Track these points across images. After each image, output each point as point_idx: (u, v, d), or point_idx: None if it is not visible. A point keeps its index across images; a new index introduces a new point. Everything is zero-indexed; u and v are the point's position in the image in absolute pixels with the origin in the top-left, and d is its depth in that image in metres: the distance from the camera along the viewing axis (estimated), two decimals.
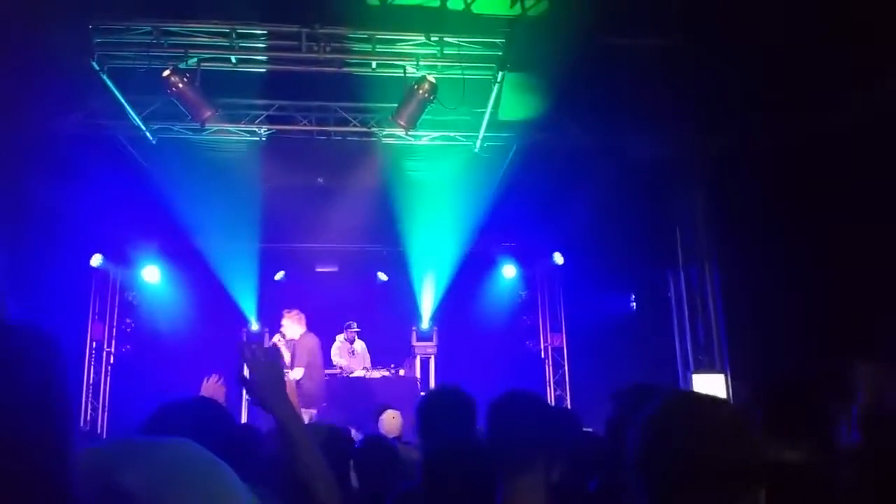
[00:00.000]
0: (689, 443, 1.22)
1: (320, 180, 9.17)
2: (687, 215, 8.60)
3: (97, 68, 6.19)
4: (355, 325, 9.80)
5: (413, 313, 10.81)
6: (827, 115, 6.70)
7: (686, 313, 8.40)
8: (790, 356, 6.75)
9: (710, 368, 8.01)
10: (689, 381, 7.89)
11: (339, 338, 9.80)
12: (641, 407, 1.35)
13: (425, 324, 10.66)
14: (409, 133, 7.40)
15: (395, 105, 6.94)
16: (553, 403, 10.27)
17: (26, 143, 7.00)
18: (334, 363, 9.48)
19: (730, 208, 8.02)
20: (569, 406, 10.39)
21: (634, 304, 10.33)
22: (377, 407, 6.26)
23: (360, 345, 9.81)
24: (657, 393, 1.42)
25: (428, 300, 10.86)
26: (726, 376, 7.86)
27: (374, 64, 6.57)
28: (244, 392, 1.95)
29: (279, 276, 11.34)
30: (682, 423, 1.26)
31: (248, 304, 10.50)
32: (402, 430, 5.43)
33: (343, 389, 8.66)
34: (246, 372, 1.95)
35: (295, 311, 8.60)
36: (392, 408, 5.64)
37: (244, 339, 7.93)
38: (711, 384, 7.69)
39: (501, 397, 2.20)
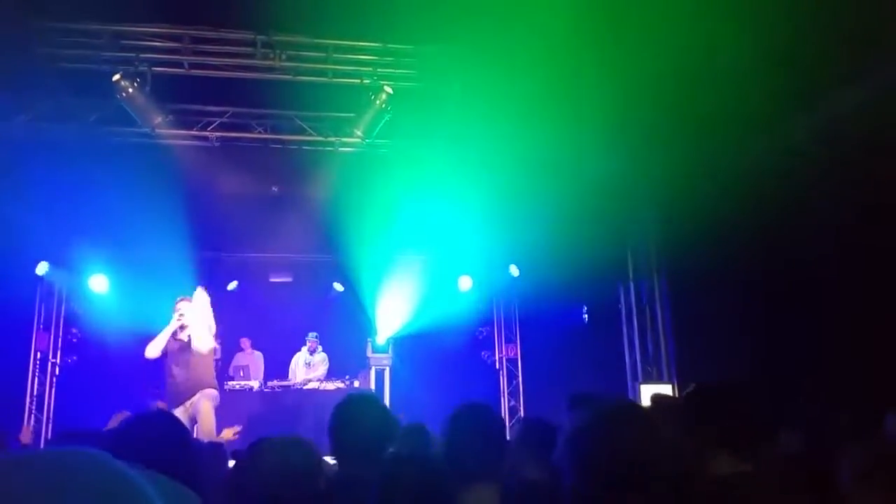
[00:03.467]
0: (611, 452, 1.24)
1: (275, 189, 9.06)
2: (638, 231, 8.78)
3: (44, 70, 6.03)
4: (311, 335, 9.72)
5: (369, 325, 10.73)
6: (777, 138, 6.93)
7: (635, 325, 8.56)
8: (736, 367, 6.93)
9: (657, 379, 8.16)
10: (637, 392, 8.02)
11: (303, 349, 9.74)
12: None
13: (381, 336, 10.58)
14: (367, 142, 7.39)
15: (352, 114, 6.92)
16: (507, 414, 10.35)
17: None
18: (289, 377, 9.40)
19: (679, 225, 8.21)
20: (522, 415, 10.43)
21: (587, 316, 10.46)
22: None
23: (319, 356, 9.71)
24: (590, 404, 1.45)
25: (384, 312, 10.78)
26: (674, 387, 8.02)
27: (329, 73, 6.55)
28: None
29: (232, 286, 11.13)
30: (607, 433, 1.29)
31: None
32: None
33: (296, 401, 8.54)
34: None
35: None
36: None
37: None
38: None
39: (458, 409, 2.22)
